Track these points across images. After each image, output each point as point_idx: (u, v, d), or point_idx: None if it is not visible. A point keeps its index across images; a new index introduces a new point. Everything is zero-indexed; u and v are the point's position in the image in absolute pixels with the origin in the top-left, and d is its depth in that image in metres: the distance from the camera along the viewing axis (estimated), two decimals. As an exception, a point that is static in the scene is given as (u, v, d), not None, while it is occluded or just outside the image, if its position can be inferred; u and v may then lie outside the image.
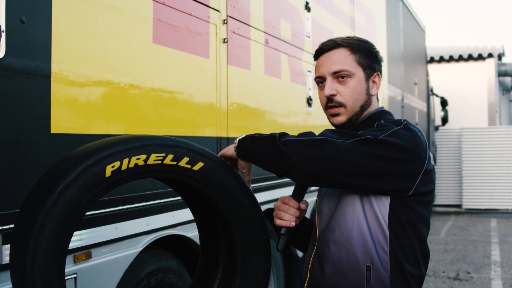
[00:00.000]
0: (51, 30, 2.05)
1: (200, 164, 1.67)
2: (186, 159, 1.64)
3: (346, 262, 1.66)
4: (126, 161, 1.52)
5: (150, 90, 2.58)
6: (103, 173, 1.48)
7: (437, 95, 12.55)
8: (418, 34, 10.30)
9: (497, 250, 8.07)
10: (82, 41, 2.20)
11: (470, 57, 14.65)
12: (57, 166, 1.51)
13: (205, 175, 1.68)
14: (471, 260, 7.41)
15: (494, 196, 12.48)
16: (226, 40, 3.24)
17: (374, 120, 1.74)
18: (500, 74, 15.22)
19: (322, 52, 1.79)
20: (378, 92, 1.83)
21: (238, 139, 1.72)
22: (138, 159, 1.55)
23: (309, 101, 4.54)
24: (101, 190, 1.50)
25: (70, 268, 2.12)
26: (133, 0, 2.49)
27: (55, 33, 2.06)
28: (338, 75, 1.73)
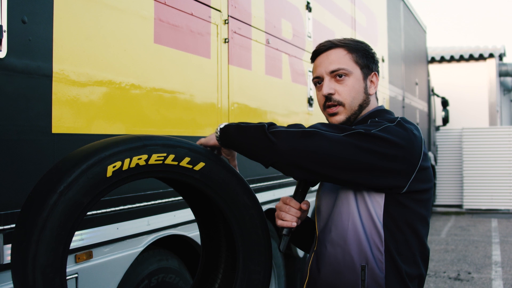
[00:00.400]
0: (53, 30, 2.05)
1: (201, 164, 1.67)
2: (187, 159, 1.64)
3: (342, 262, 1.65)
4: (127, 161, 1.52)
5: (151, 90, 2.58)
6: (104, 173, 1.48)
7: (438, 95, 12.55)
8: (419, 34, 10.29)
9: (498, 250, 8.06)
10: (84, 41, 2.20)
11: (471, 57, 14.63)
12: (58, 166, 1.51)
13: (206, 175, 1.68)
14: (472, 260, 7.40)
15: (495, 196, 12.47)
16: (227, 40, 3.24)
17: (371, 119, 1.73)
18: (501, 74, 15.21)
19: (319, 53, 1.80)
20: (376, 91, 1.83)
21: (220, 127, 1.69)
22: (139, 159, 1.55)
23: (310, 101, 4.54)
24: (102, 190, 1.50)
25: (71, 268, 2.12)
26: (134, 0, 2.49)
27: (57, 33, 2.07)
28: (335, 74, 1.73)
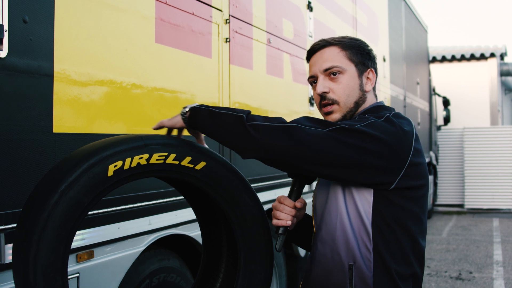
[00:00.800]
0: (54, 30, 2.05)
1: (202, 164, 1.66)
2: (188, 159, 1.64)
3: (331, 261, 1.64)
4: (128, 160, 1.52)
5: (153, 89, 2.58)
6: (106, 172, 1.48)
7: (439, 95, 12.55)
8: (420, 34, 10.28)
9: (499, 250, 8.06)
10: (85, 40, 2.20)
11: (472, 57, 14.62)
12: (59, 165, 1.51)
13: (207, 174, 1.68)
14: (473, 260, 7.40)
15: (496, 195, 12.47)
16: (228, 40, 3.24)
17: (368, 114, 1.70)
18: (502, 73, 15.19)
19: (313, 52, 1.78)
20: (374, 87, 1.80)
21: (186, 109, 1.63)
22: (140, 158, 1.54)
23: (311, 101, 4.53)
24: (103, 190, 1.50)
25: (72, 267, 2.12)
26: (135, 0, 2.49)
27: (58, 32, 2.06)
28: (329, 72, 1.72)
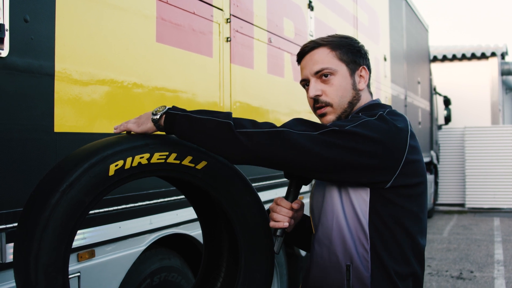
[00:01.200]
0: (55, 29, 2.05)
1: (203, 163, 1.66)
2: (189, 158, 1.63)
3: (328, 262, 1.62)
4: (129, 160, 1.52)
5: (154, 88, 2.58)
6: (107, 172, 1.48)
7: (440, 94, 12.53)
8: (421, 33, 10.28)
9: (500, 249, 8.06)
10: (86, 40, 2.20)
11: (473, 56, 14.61)
12: (60, 165, 1.51)
13: (208, 173, 1.68)
14: (474, 259, 7.39)
15: (497, 195, 12.46)
16: (229, 39, 3.24)
17: (362, 113, 1.67)
18: (503, 73, 15.18)
19: (303, 54, 1.76)
20: (368, 85, 1.77)
21: (160, 113, 1.55)
22: (141, 158, 1.54)
23: (312, 100, 4.53)
24: (104, 189, 1.50)
25: (73, 266, 2.12)
26: (136, -1, 2.49)
27: (59, 32, 2.06)
28: (320, 74, 1.70)
